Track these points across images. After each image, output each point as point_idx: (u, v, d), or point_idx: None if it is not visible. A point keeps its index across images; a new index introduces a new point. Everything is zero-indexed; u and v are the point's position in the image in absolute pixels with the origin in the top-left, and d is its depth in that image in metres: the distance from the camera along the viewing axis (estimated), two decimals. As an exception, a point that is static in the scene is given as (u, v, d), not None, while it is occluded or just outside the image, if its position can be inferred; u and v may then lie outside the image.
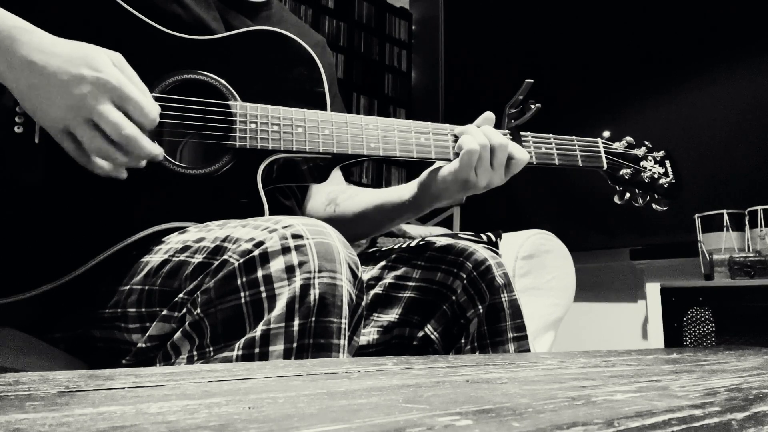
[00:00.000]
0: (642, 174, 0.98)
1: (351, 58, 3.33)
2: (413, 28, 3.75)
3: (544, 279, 1.64)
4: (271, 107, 0.76)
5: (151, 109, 0.66)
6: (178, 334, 0.59)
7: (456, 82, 3.40)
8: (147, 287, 0.64)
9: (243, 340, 0.55)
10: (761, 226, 1.83)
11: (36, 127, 0.68)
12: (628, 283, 2.59)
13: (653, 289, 2.33)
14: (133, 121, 0.65)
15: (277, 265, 0.56)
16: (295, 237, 0.57)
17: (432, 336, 0.86)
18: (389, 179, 3.40)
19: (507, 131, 0.89)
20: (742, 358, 0.62)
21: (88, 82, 0.62)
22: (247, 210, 0.74)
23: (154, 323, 0.62)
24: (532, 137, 0.91)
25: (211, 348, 0.56)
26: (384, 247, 0.99)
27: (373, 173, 3.34)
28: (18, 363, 0.64)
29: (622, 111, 2.52)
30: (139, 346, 0.63)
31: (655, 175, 0.99)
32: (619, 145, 0.99)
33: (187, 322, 0.58)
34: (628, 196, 0.99)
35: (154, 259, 0.66)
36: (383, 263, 0.94)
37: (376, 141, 0.81)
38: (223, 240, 0.60)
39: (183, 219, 0.71)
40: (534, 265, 1.64)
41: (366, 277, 0.93)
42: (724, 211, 1.91)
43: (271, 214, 0.74)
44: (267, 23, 0.91)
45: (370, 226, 0.97)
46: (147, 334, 0.62)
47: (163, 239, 0.69)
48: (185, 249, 0.64)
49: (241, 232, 0.60)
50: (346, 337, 0.57)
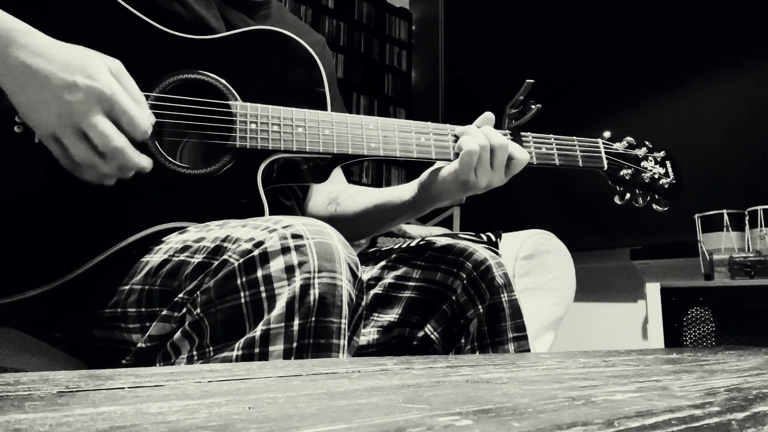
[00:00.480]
0: (642, 174, 0.98)
1: (351, 58, 3.33)
2: (413, 28, 3.75)
3: (544, 279, 1.64)
4: (271, 107, 0.76)
5: (143, 120, 0.65)
6: (178, 334, 0.59)
7: (456, 83, 3.40)
8: (147, 287, 0.64)
9: (243, 340, 0.55)
10: (761, 226, 1.83)
11: None
12: (628, 283, 2.60)
13: (653, 289, 2.33)
14: (124, 132, 0.64)
15: (276, 265, 0.56)
16: (294, 237, 0.57)
17: (432, 336, 0.86)
18: (389, 179, 3.40)
19: (507, 131, 0.89)
20: (742, 358, 0.62)
21: (81, 90, 0.62)
22: (247, 210, 0.74)
23: (154, 323, 0.62)
24: (533, 137, 0.91)
25: (211, 348, 0.56)
26: (384, 247, 0.99)
27: (373, 173, 3.34)
28: (18, 363, 0.64)
29: (622, 111, 2.52)
30: (139, 346, 0.63)
31: (656, 176, 0.99)
32: (619, 146, 0.99)
33: (187, 322, 0.58)
34: (628, 196, 0.99)
35: (154, 259, 0.66)
36: (383, 263, 0.94)
37: (377, 141, 0.81)
38: (223, 240, 0.60)
39: (183, 219, 0.71)
40: (534, 265, 1.64)
41: (366, 277, 0.93)
42: (724, 211, 1.91)
43: (271, 214, 0.74)
44: (266, 22, 0.91)
45: (370, 226, 0.97)
46: (147, 334, 0.62)
47: (163, 239, 0.69)
48: (185, 249, 0.63)
49: (241, 232, 0.60)
50: (346, 337, 0.57)
